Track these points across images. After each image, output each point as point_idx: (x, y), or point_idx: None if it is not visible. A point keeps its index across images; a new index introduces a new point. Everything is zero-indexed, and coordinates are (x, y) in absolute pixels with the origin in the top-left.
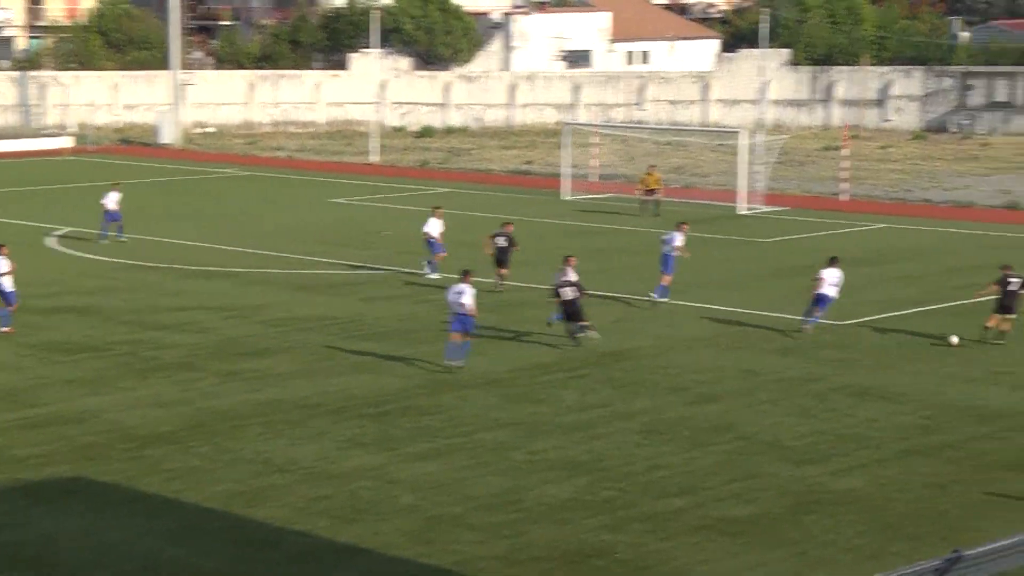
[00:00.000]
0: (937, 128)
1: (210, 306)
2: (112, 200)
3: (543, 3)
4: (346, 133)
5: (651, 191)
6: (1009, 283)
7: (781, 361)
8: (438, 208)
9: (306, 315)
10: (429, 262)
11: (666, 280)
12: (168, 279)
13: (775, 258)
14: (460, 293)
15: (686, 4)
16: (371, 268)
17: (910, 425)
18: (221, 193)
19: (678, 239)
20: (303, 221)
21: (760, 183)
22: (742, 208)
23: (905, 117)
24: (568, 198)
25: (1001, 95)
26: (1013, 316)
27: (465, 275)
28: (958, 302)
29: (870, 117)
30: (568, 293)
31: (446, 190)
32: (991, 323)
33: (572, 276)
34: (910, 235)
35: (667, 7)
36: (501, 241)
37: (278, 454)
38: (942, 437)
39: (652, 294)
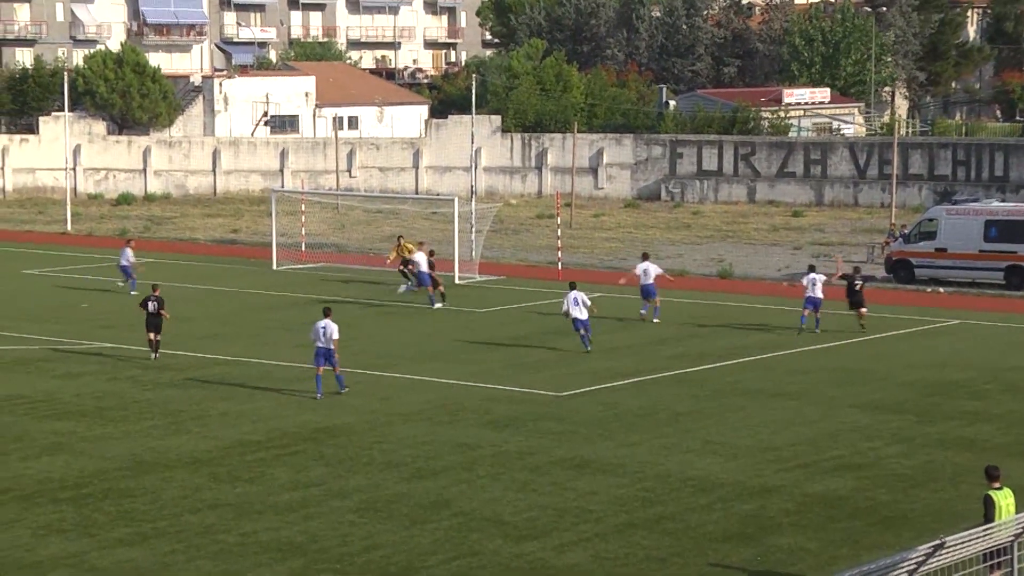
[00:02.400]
0: (649, 196)
1: None
2: None
3: (245, 66)
4: (37, 201)
5: (410, 262)
6: (855, 283)
7: (498, 434)
8: None
9: None
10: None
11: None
12: None
13: (490, 328)
14: (324, 327)
15: (393, 69)
16: (68, 343)
17: (630, 497)
18: None
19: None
20: None
21: (475, 251)
22: (458, 277)
23: (617, 185)
24: (279, 268)
25: (710, 163)
26: (864, 308)
27: (327, 312)
28: (671, 372)
29: (583, 185)
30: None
31: (148, 260)
32: (861, 319)
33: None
34: (625, 304)
35: (374, 72)
36: (151, 306)
37: None
38: (661, 509)
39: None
